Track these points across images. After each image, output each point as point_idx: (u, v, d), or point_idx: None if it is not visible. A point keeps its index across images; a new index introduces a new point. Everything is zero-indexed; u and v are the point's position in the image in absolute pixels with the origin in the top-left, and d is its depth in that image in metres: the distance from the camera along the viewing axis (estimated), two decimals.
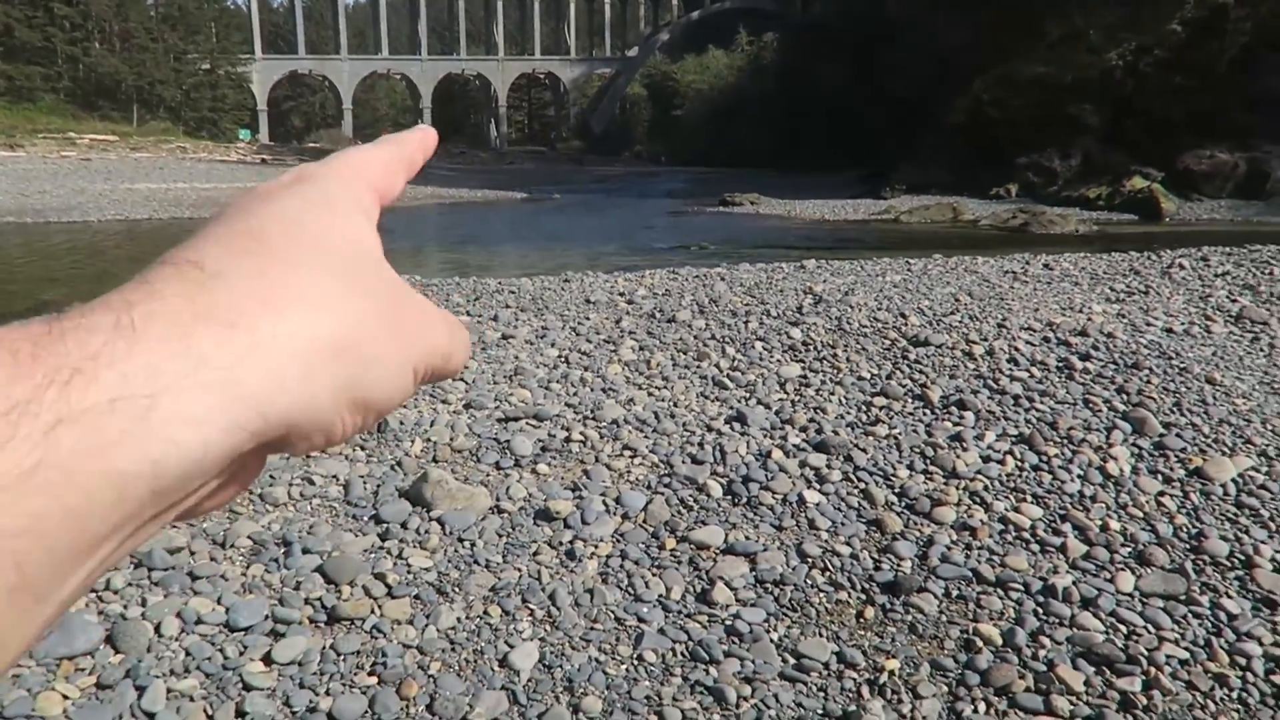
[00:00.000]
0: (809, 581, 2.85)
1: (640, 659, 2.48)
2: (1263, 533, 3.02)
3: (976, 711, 2.26)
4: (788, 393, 4.53)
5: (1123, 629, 2.55)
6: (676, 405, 4.39)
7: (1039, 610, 2.65)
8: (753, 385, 4.63)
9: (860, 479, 3.52)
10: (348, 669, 2.42)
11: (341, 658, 2.46)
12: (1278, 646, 2.44)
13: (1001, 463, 3.59)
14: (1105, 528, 3.08)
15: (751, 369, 4.89)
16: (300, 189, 0.31)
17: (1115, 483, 3.40)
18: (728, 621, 2.64)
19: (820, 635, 2.59)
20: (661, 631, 2.60)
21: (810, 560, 2.97)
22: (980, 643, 2.51)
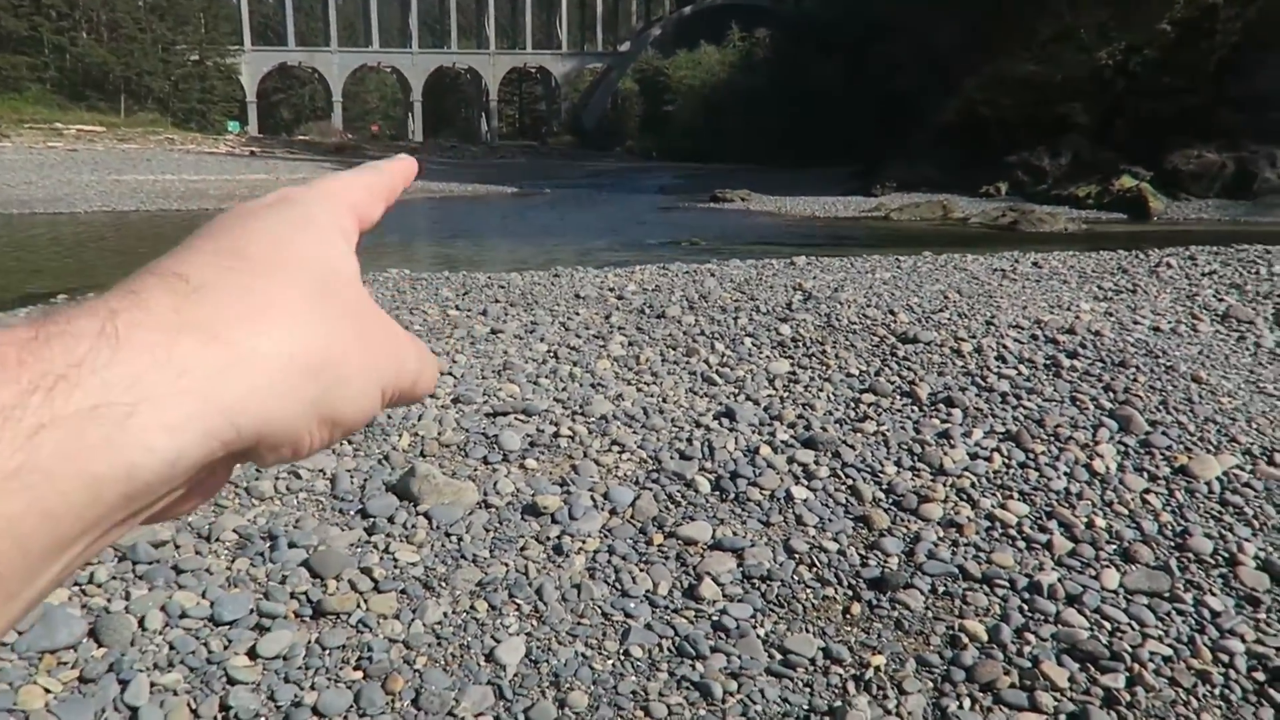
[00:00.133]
0: (796, 577, 2.86)
1: (627, 654, 2.48)
2: (1246, 530, 3.04)
3: (961, 707, 2.27)
4: (777, 389, 4.54)
5: (1107, 626, 2.56)
6: (665, 401, 4.39)
7: (1024, 607, 2.66)
8: (742, 381, 4.63)
9: (848, 475, 3.53)
10: (333, 663, 2.41)
11: (327, 652, 2.45)
12: (1260, 644, 2.45)
13: (989, 460, 3.61)
14: (1091, 525, 3.10)
15: (741, 365, 4.90)
16: (283, 210, 0.33)
17: (1101, 480, 3.41)
18: (714, 617, 2.64)
19: (807, 631, 2.59)
20: (648, 627, 2.60)
21: (797, 556, 2.97)
22: (966, 639, 2.52)
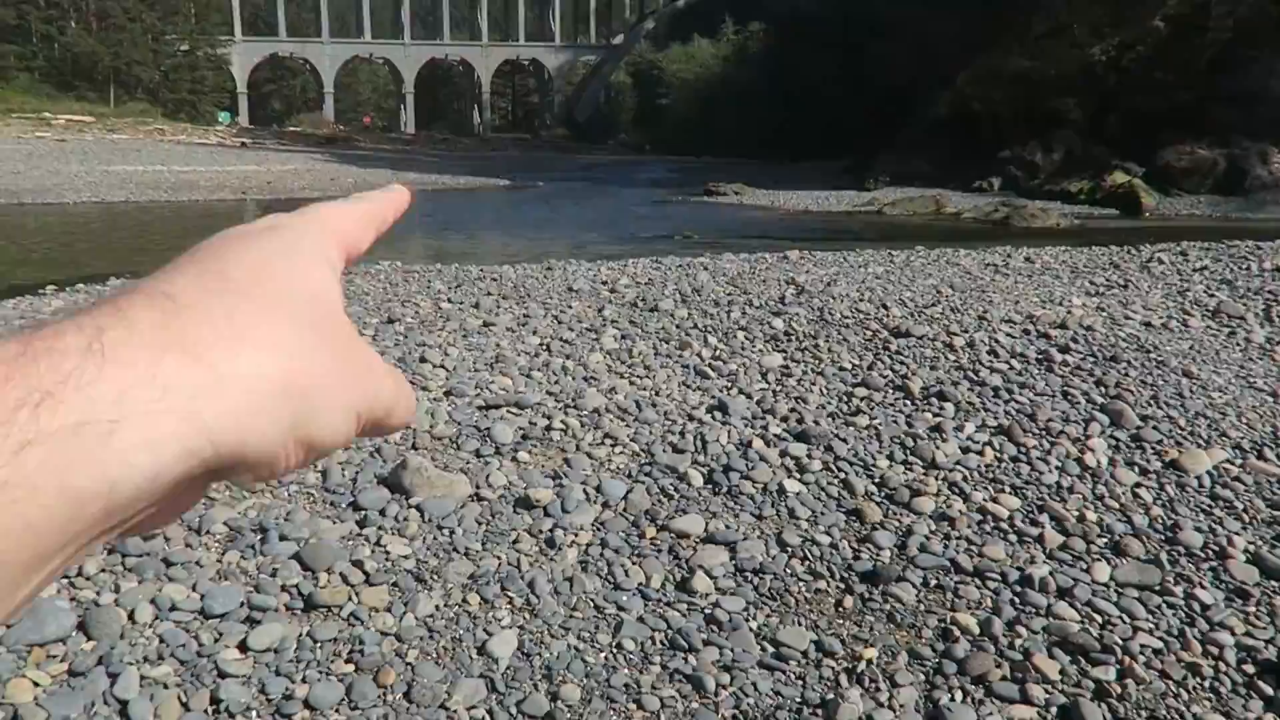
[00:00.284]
0: (788, 570, 2.86)
1: (619, 647, 2.48)
2: (1236, 524, 3.05)
3: (953, 700, 2.27)
4: (769, 382, 4.54)
5: (1098, 619, 2.57)
6: (658, 394, 4.38)
7: (1016, 600, 2.67)
8: (734, 375, 4.63)
9: (840, 469, 3.53)
10: (324, 656, 2.40)
11: (318, 645, 2.44)
12: (1250, 636, 2.47)
13: (980, 454, 3.61)
14: (1082, 518, 3.11)
15: (733, 359, 4.89)
16: (271, 236, 0.34)
17: (1092, 474, 3.42)
18: (707, 610, 2.64)
19: (799, 624, 2.59)
20: (641, 620, 2.60)
21: (790, 549, 2.97)
22: (958, 632, 2.52)
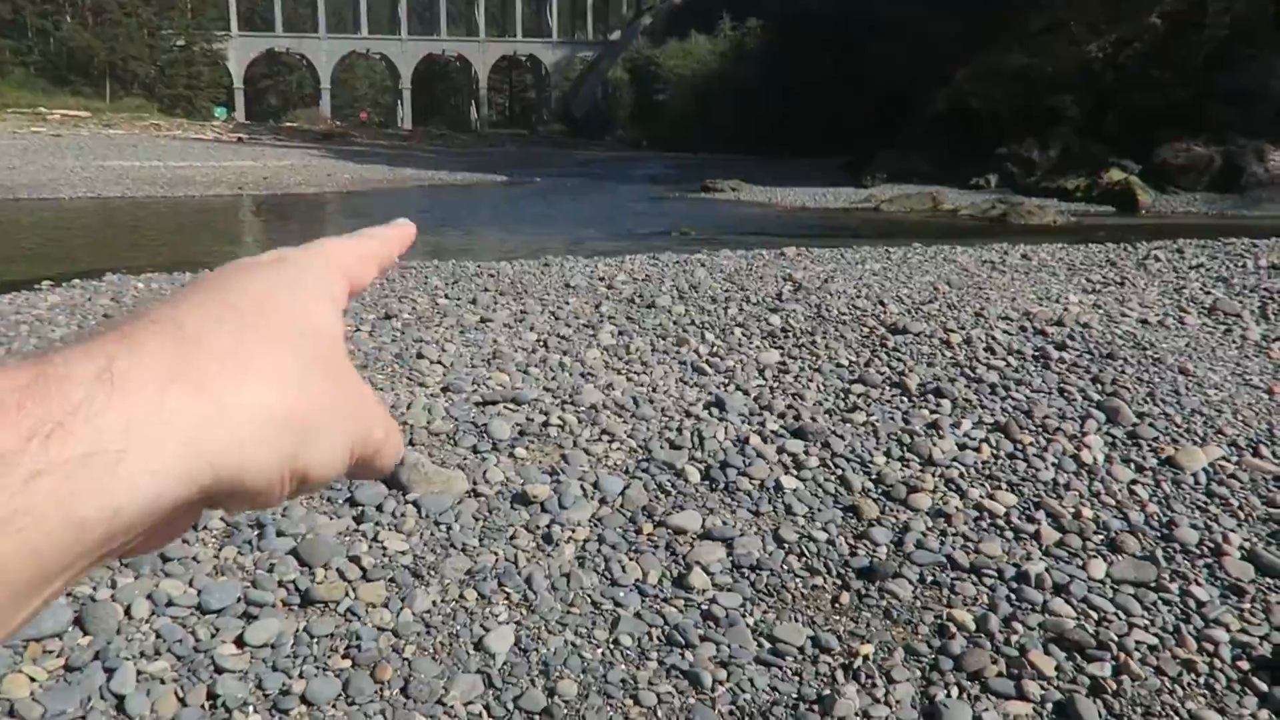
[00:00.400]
0: (785, 567, 2.86)
1: (616, 643, 2.49)
2: (1232, 521, 3.06)
3: (949, 696, 2.28)
4: (766, 379, 4.54)
5: (1094, 615, 2.58)
6: (655, 390, 4.38)
7: (1012, 596, 2.68)
8: (732, 371, 4.63)
9: (837, 465, 3.53)
10: (321, 652, 2.40)
11: (315, 640, 2.44)
12: (1245, 633, 2.48)
13: (977, 450, 3.62)
14: (1078, 515, 3.12)
15: (731, 355, 4.89)
16: (278, 269, 0.35)
17: (1089, 471, 3.43)
18: (704, 606, 2.65)
19: (796, 620, 2.60)
20: (638, 616, 2.60)
21: (787, 546, 2.98)
22: (954, 628, 2.53)
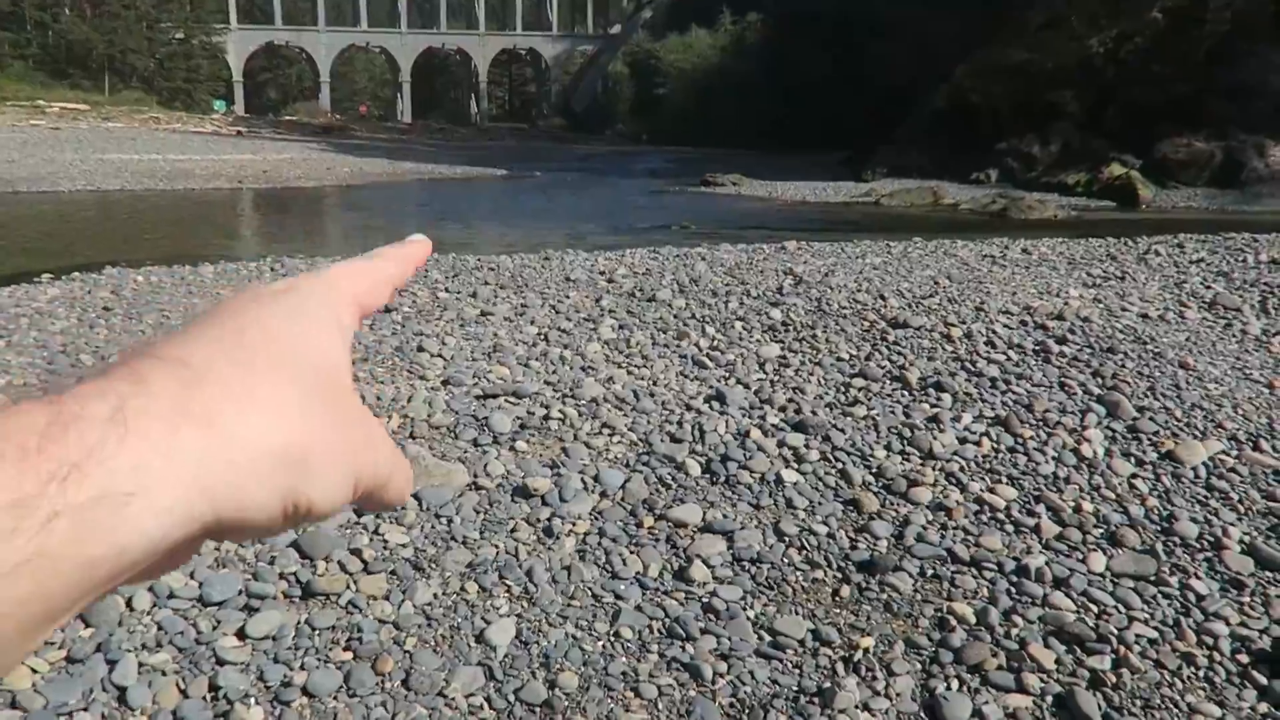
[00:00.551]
0: (786, 560, 2.87)
1: (617, 635, 2.49)
2: (1231, 515, 3.06)
3: (949, 688, 2.28)
4: (767, 373, 4.54)
5: (1094, 608, 2.58)
6: (656, 384, 4.38)
7: (1012, 590, 2.68)
8: (732, 365, 4.63)
9: (838, 459, 3.53)
10: (323, 644, 2.41)
11: (316, 633, 2.45)
12: (1244, 627, 2.48)
13: (978, 444, 3.62)
14: (1078, 509, 3.12)
15: (731, 349, 4.89)
16: (287, 299, 0.35)
17: (1089, 465, 3.43)
18: (704, 599, 2.65)
19: (796, 613, 2.60)
20: (638, 608, 2.60)
21: (787, 539, 2.98)
22: (954, 621, 2.53)
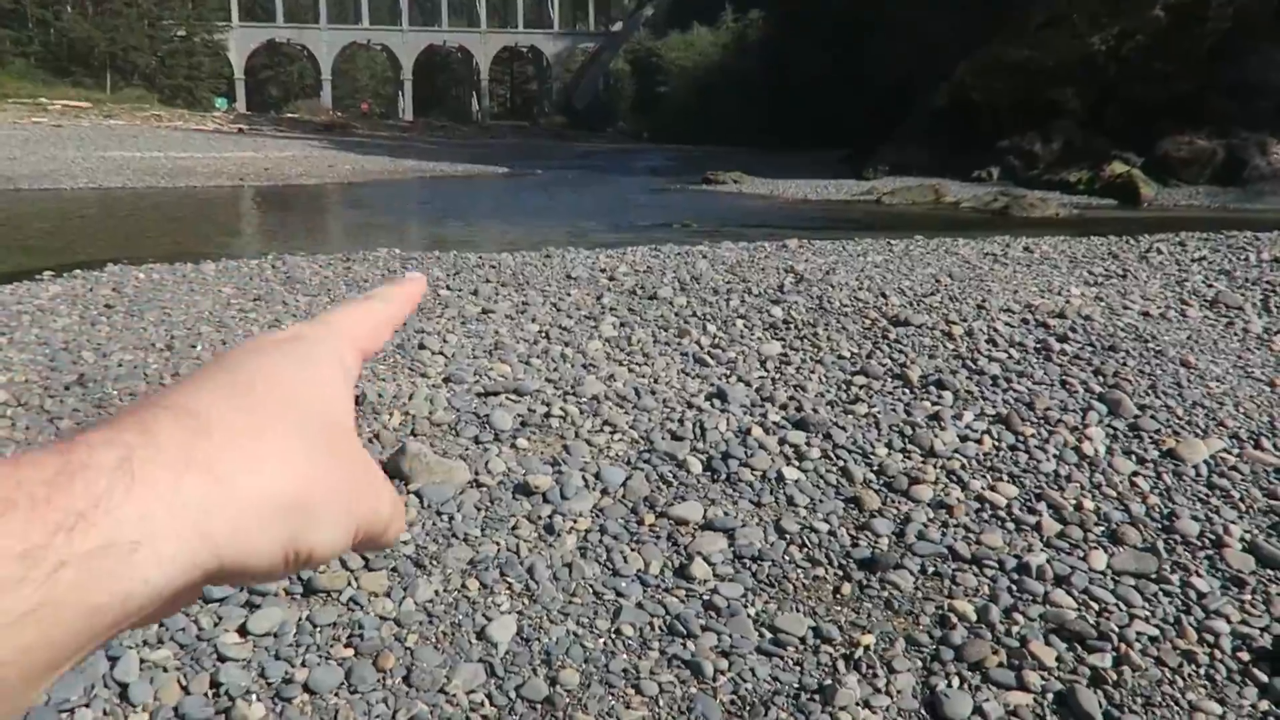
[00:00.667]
0: (787, 557, 2.87)
1: (618, 633, 2.49)
2: (1233, 513, 3.06)
3: (950, 686, 2.28)
4: (768, 370, 4.54)
5: (1095, 606, 2.58)
6: (657, 382, 4.39)
7: (1013, 587, 2.68)
8: (733, 363, 4.63)
9: (839, 457, 3.53)
10: (324, 641, 2.41)
11: (318, 629, 2.45)
12: (1245, 624, 2.48)
13: (979, 442, 3.62)
14: (1079, 507, 3.12)
15: (732, 346, 4.89)
16: (292, 348, 0.36)
17: (1090, 463, 3.43)
18: (705, 596, 2.65)
19: (797, 610, 2.60)
20: (639, 606, 2.61)
21: (788, 536, 2.98)
22: (955, 618, 2.53)
